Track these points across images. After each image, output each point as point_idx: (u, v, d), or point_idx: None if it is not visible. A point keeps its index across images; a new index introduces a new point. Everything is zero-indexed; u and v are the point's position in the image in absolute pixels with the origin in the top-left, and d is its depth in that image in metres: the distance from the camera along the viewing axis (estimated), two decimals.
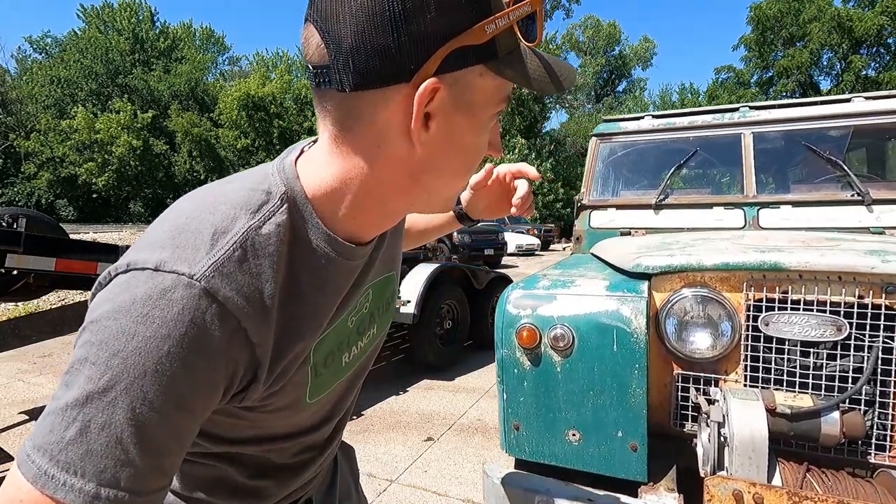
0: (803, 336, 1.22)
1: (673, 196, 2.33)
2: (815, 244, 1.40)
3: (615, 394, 1.25)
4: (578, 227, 2.48)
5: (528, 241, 16.62)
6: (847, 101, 2.21)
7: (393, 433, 3.07)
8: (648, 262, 1.37)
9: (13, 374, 4.32)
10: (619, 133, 2.53)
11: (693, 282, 1.35)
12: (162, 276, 0.40)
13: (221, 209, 0.46)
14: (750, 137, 2.25)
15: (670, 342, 1.34)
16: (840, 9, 25.44)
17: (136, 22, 34.36)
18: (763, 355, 1.27)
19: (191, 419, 0.42)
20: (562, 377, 1.30)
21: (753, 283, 1.27)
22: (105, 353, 0.38)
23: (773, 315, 1.24)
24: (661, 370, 1.38)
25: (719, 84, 32.24)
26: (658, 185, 2.37)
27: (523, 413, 1.36)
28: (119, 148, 27.44)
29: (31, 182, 29.17)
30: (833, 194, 2.06)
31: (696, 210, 2.25)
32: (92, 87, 31.35)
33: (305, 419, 0.62)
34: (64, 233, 5.26)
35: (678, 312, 1.34)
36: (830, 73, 28.31)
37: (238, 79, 34.01)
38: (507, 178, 0.85)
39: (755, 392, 1.18)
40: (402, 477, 2.53)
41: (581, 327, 1.28)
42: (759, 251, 1.28)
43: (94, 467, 0.37)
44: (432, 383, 4.00)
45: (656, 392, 1.39)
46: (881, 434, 1.19)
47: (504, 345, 1.37)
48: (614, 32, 43.87)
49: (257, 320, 0.44)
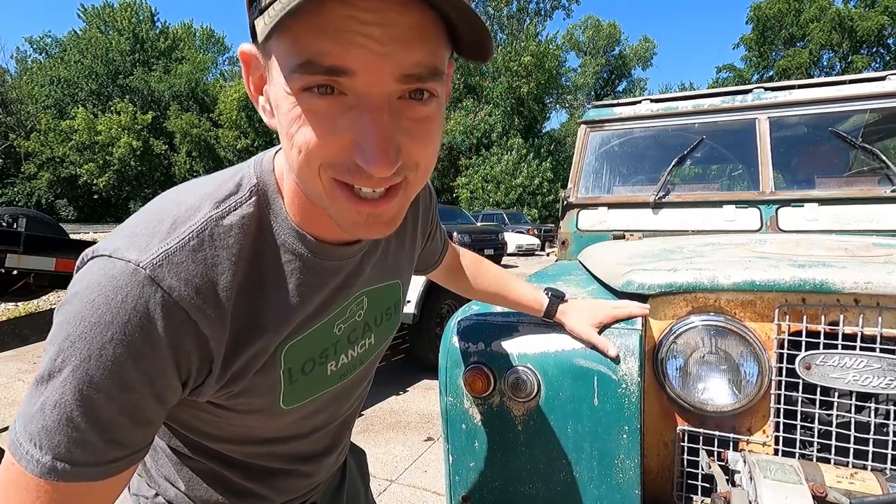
0: (861, 386, 0.86)
1: (675, 193, 1.98)
2: (866, 254, 1.04)
3: (596, 464, 0.90)
4: (564, 230, 2.13)
5: (528, 241, 16.53)
6: (882, 80, 1.85)
7: (393, 433, 3.05)
8: (643, 278, 1.02)
9: (13, 374, 4.26)
10: (613, 120, 2.18)
11: (705, 306, 0.99)
12: (113, 263, 0.41)
13: (188, 200, 0.46)
14: (766, 123, 1.89)
15: (673, 389, 0.98)
16: (841, 9, 25.38)
17: (137, 22, 34.67)
18: (802, 409, 0.92)
19: (143, 400, 0.42)
20: (524, 437, 0.95)
21: (789, 311, 0.91)
22: (61, 335, 0.40)
23: (817, 356, 0.88)
24: (661, 426, 1.02)
25: (720, 83, 32.16)
26: (657, 180, 2.01)
27: (475, 483, 1.01)
28: (119, 149, 27.65)
29: (31, 182, 29.38)
30: (869, 189, 1.70)
31: (702, 209, 1.89)
32: (92, 87, 31.58)
33: (289, 426, 0.60)
34: (64, 233, 5.38)
35: (684, 348, 0.98)
36: (831, 73, 28.38)
37: (238, 79, 34.36)
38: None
39: (794, 467, 0.82)
40: (402, 477, 2.52)
41: (549, 371, 0.92)
42: (796, 265, 0.92)
43: (49, 441, 0.39)
44: (432, 383, 3.91)
45: (654, 455, 1.03)
46: None
47: (449, 390, 1.01)
48: (614, 32, 44.16)
49: (208, 312, 0.44)
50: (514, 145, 26.31)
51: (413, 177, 0.44)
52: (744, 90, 2.03)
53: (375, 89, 0.38)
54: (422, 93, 0.40)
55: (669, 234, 1.89)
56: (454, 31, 0.40)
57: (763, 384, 0.93)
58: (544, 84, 29.53)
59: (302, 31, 0.36)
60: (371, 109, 0.38)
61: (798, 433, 0.92)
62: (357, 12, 0.35)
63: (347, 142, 0.39)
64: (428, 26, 0.38)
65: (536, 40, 28.69)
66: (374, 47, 0.36)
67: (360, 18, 0.35)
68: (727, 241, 1.48)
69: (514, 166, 25.59)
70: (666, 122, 2.08)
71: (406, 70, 0.38)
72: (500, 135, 27.23)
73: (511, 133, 27.60)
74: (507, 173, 25.53)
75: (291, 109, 0.39)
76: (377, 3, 0.36)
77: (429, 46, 0.39)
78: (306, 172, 0.42)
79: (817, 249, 1.12)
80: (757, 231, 1.77)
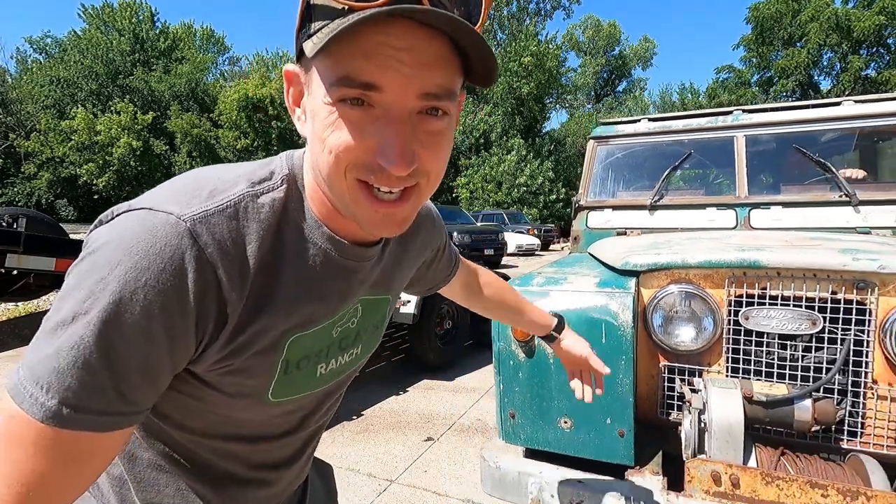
0: (780, 330, 1.29)
1: (668, 197, 2.40)
2: (798, 243, 1.47)
3: (605, 383, 1.33)
4: (576, 228, 2.56)
5: (528, 241, 16.51)
6: (837, 105, 2.27)
7: (393, 433, 3.07)
8: (637, 259, 1.46)
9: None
10: (616, 136, 2.61)
11: (678, 279, 1.43)
12: (153, 215, 0.44)
13: (225, 175, 0.50)
14: (743, 140, 2.32)
15: (657, 336, 1.42)
16: (838, 9, 25.32)
17: (137, 22, 34.24)
18: (743, 348, 1.35)
19: (160, 354, 0.44)
20: (554, 368, 1.39)
21: (734, 280, 1.35)
22: (92, 279, 0.41)
23: (752, 310, 1.32)
24: (649, 362, 1.46)
25: (719, 84, 32.05)
26: (653, 187, 2.44)
27: (518, 402, 1.45)
28: (119, 149, 27.43)
29: (31, 182, 29.12)
30: (822, 195, 2.13)
31: (689, 210, 2.32)
32: (92, 87, 31.29)
33: (266, 423, 0.61)
34: (64, 233, 5.32)
35: (664, 307, 1.42)
36: (830, 73, 28.18)
37: (238, 79, 34.03)
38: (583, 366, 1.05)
39: (734, 381, 1.26)
40: (402, 477, 2.54)
41: (572, 321, 1.35)
42: (740, 250, 1.36)
43: (59, 383, 0.39)
44: (432, 383, 4.01)
45: (644, 383, 1.47)
46: (853, 421, 1.27)
47: (500, 338, 1.46)
48: (614, 32, 43.85)
49: (233, 276, 0.46)
50: (516, 145, 26.22)
51: (424, 183, 0.50)
52: (725, 111, 2.46)
53: (400, 104, 0.44)
54: (437, 110, 0.46)
55: (663, 230, 2.32)
56: (468, 60, 0.46)
57: (717, 331, 1.37)
58: (544, 84, 29.31)
59: (343, 52, 0.42)
60: (395, 121, 0.44)
61: (741, 363, 1.36)
62: (391, 39, 0.42)
63: (373, 146, 0.45)
64: (448, 55, 0.45)
65: (536, 40, 28.43)
66: (403, 69, 0.42)
67: (393, 45, 0.42)
68: (706, 235, 1.91)
69: (515, 166, 25.54)
70: (661, 138, 2.51)
71: (427, 89, 0.44)
72: (500, 135, 27.16)
73: (511, 133, 27.56)
74: (509, 173, 25.48)
75: (328, 116, 0.45)
76: (408, 31, 0.42)
77: (447, 71, 0.45)
78: (334, 172, 0.47)
79: (763, 240, 1.55)
80: (733, 228, 2.20)
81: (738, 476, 1.12)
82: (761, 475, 1.11)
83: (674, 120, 2.54)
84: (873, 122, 2.15)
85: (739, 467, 1.13)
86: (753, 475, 1.11)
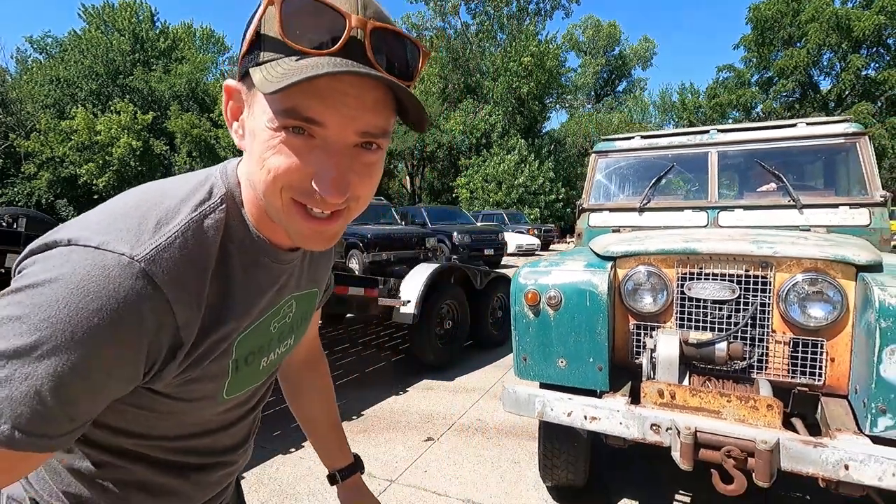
0: (712, 297, 1.87)
1: (654, 201, 2.96)
2: (738, 238, 2.03)
3: (588, 334, 1.93)
4: (579, 226, 3.15)
5: (528, 241, 16.56)
6: (793, 126, 2.80)
7: (393, 433, 3.08)
8: (614, 248, 2.04)
9: None
10: (614, 150, 3.18)
11: (643, 262, 2.01)
12: (103, 255, 0.44)
13: (166, 202, 0.51)
14: (715, 155, 2.86)
15: (627, 302, 2.00)
16: (838, 9, 24.95)
17: (137, 22, 33.66)
18: (687, 310, 1.93)
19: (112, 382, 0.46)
20: (554, 324, 1.98)
21: (681, 263, 1.92)
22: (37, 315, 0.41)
23: (693, 283, 1.89)
24: (622, 322, 2.05)
25: (720, 83, 31.61)
26: (643, 193, 3.01)
27: (529, 349, 2.05)
28: (119, 149, 26.95)
29: (31, 182, 28.48)
30: (775, 200, 2.67)
31: (671, 212, 2.88)
32: (92, 87, 30.58)
33: (219, 417, 0.66)
34: None
35: (633, 282, 2.00)
36: (830, 73, 27.84)
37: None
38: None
39: (676, 331, 1.84)
40: (402, 477, 2.56)
41: (566, 291, 1.95)
42: (685, 241, 1.94)
43: (11, 411, 0.41)
44: (432, 383, 4.02)
45: (619, 337, 2.06)
46: (759, 359, 1.83)
47: (516, 303, 2.06)
48: (614, 32, 43.78)
49: (190, 305, 0.49)
50: (516, 145, 26.27)
51: (354, 205, 0.54)
52: (702, 130, 3.01)
53: (341, 139, 0.48)
54: (372, 144, 0.51)
55: (649, 228, 2.88)
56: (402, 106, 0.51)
57: (670, 299, 1.95)
58: (544, 84, 29.23)
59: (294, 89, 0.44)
60: (335, 153, 0.48)
61: (685, 321, 1.93)
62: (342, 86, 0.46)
63: (311, 173, 0.48)
64: (387, 101, 0.50)
65: (536, 40, 28.28)
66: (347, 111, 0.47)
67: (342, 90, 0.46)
68: (675, 232, 2.47)
69: (515, 166, 25.60)
70: (650, 152, 3.07)
71: (366, 129, 0.49)
72: (501, 135, 27.22)
73: (511, 133, 27.57)
74: (509, 173, 25.54)
75: (269, 140, 0.48)
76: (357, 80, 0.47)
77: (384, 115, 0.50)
78: (271, 191, 0.50)
79: (714, 234, 2.11)
80: (705, 227, 2.75)
81: (674, 391, 1.70)
82: (690, 390, 1.69)
83: (661, 138, 3.09)
84: (818, 141, 2.68)
85: (676, 385, 1.71)
86: (684, 390, 1.69)
